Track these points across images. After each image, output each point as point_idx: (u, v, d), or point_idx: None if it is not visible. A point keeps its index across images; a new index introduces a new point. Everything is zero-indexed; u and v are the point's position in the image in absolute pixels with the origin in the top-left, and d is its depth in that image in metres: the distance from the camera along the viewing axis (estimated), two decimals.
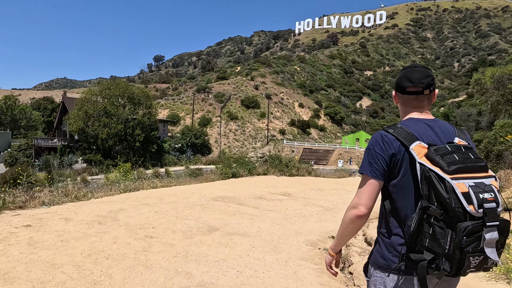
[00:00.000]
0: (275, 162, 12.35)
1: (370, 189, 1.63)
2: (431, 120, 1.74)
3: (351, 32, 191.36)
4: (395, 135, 1.63)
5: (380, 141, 1.67)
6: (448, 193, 1.41)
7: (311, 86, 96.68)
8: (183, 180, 8.91)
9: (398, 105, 1.89)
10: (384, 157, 1.63)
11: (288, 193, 8.75)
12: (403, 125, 1.68)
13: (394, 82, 1.89)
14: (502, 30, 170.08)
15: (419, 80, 1.72)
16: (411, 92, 1.74)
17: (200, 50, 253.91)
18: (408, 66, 1.84)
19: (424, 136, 1.64)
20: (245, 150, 57.89)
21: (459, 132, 1.73)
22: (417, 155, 1.54)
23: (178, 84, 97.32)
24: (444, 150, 1.51)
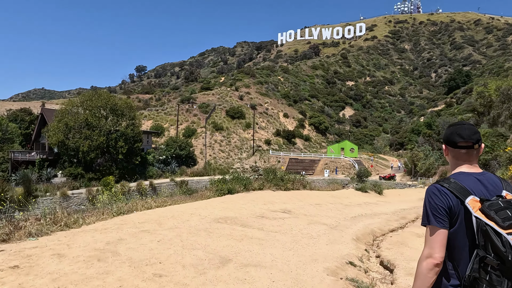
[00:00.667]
0: (270, 176, 12.01)
1: (440, 238, 1.79)
2: (480, 174, 1.91)
3: (332, 43, 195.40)
4: (450, 189, 1.80)
5: (438, 194, 1.83)
6: (505, 247, 1.59)
7: (295, 96, 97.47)
8: (178, 199, 8.40)
9: (448, 157, 2.06)
10: (445, 207, 1.80)
11: (288, 209, 8.39)
12: (456, 180, 1.85)
13: (444, 137, 2.06)
14: (475, 42, 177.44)
15: (469, 136, 1.90)
16: (462, 146, 1.91)
17: (183, 61, 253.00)
18: (456, 123, 2.02)
19: (475, 190, 1.81)
20: (231, 161, 57.32)
21: (506, 185, 1.90)
22: (472, 208, 1.72)
23: (161, 95, 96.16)
24: (497, 205, 1.69)
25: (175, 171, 49.46)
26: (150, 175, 47.19)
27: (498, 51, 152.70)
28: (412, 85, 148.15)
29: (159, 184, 42.58)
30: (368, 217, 9.44)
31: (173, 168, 49.31)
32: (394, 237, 6.66)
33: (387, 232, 7.69)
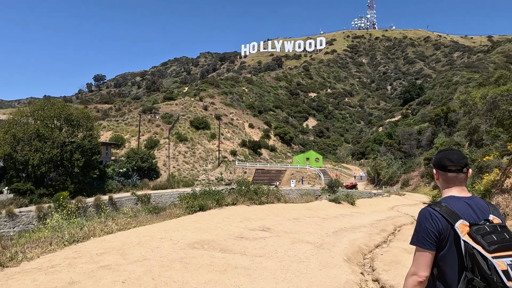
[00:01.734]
0: (244, 189, 11.26)
1: (425, 260, 1.93)
2: (469, 198, 2.03)
3: (294, 56, 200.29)
4: (441, 213, 1.92)
5: (429, 217, 1.94)
6: (490, 270, 1.69)
7: (259, 107, 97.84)
8: (144, 219, 7.32)
9: (439, 181, 2.16)
10: (434, 231, 1.91)
11: (267, 227, 7.69)
12: (447, 204, 1.96)
13: (434, 162, 2.16)
14: (425, 57, 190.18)
15: (458, 160, 2.04)
16: (452, 170, 2.04)
17: (144, 70, 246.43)
18: (446, 149, 2.15)
19: (465, 214, 1.93)
20: (196, 173, 55.69)
21: (493, 209, 2.01)
22: (461, 232, 1.83)
23: (121, 105, 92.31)
24: (484, 230, 1.80)
25: (137, 184, 47.09)
26: (109, 189, 44.51)
27: (446, 66, 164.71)
28: (370, 97, 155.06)
29: (119, 199, 40.18)
30: (349, 231, 8.98)
31: (135, 181, 46.89)
32: (384, 254, 6.18)
33: (373, 248, 7.22)
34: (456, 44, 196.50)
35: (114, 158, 52.39)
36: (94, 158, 41.70)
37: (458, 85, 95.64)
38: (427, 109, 74.65)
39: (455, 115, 36.01)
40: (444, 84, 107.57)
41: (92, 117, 45.29)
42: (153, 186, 47.73)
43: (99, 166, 44.37)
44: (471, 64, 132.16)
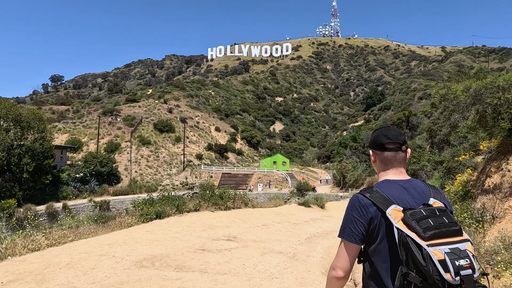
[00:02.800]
0: (208, 194, 10.28)
1: (347, 253, 1.69)
2: (406, 181, 1.77)
3: (261, 60, 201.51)
4: (371, 199, 1.66)
5: (358, 205, 1.68)
6: (425, 261, 1.44)
7: (226, 110, 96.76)
8: (86, 230, 6.10)
9: (376, 164, 1.90)
10: (362, 222, 1.65)
11: (233, 235, 6.80)
12: (379, 188, 1.71)
13: (370, 141, 1.91)
14: (385, 65, 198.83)
15: (396, 136, 1.80)
16: (390, 148, 1.80)
17: (106, 72, 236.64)
18: (382, 127, 1.91)
19: (399, 199, 1.67)
20: (160, 178, 53.48)
21: (434, 192, 1.74)
22: (393, 219, 1.58)
23: (80, 106, 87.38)
24: (420, 214, 1.55)
25: (95, 190, 44.31)
26: (64, 196, 41.53)
27: (404, 74, 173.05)
28: (334, 102, 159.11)
29: (75, 206, 37.54)
30: (322, 237, 8.31)
31: (93, 187, 44.09)
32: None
33: None
34: (413, 54, 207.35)
35: (71, 163, 49.06)
36: (47, 162, 38.62)
37: (416, 92, 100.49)
38: (388, 114, 77.42)
39: (416, 119, 37.18)
40: (403, 91, 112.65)
41: (44, 118, 41.98)
42: (113, 192, 45.19)
43: (53, 171, 41.25)
44: (427, 72, 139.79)
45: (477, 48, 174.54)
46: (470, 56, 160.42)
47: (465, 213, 5.34)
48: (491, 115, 5.46)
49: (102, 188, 44.32)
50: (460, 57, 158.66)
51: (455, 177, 10.43)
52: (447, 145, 25.49)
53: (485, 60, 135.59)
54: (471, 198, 6.03)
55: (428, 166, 20.02)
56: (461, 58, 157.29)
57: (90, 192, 42.77)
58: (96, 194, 43.15)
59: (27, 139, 37.43)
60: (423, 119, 36.08)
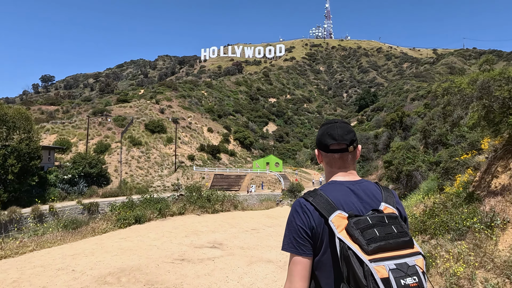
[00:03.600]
0: (194, 196, 9.64)
1: (300, 269, 1.43)
2: (355, 183, 1.54)
3: (254, 61, 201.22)
4: (314, 204, 1.44)
5: (300, 211, 1.47)
6: (366, 279, 1.21)
7: (219, 111, 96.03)
8: (51, 238, 5.43)
9: (323, 164, 1.68)
10: (306, 230, 1.44)
11: (218, 242, 6.21)
12: (323, 192, 1.49)
13: (316, 139, 1.68)
14: (378, 67, 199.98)
15: (342, 136, 1.56)
16: (335, 150, 1.57)
17: (98, 72, 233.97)
18: (327, 122, 1.65)
19: (345, 204, 1.45)
20: (150, 179, 52.56)
21: (387, 195, 1.52)
22: (336, 228, 1.35)
23: (70, 107, 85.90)
24: (365, 223, 1.32)
25: (84, 192, 43.31)
26: (51, 198, 40.47)
27: (396, 75, 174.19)
28: (328, 103, 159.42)
29: (62, 208, 36.53)
30: None
31: (81, 188, 43.09)
32: None
33: None
34: (405, 56, 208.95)
35: (59, 164, 47.93)
36: (33, 163, 37.58)
37: (408, 93, 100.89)
38: (381, 115, 77.48)
39: (410, 119, 36.98)
40: (396, 92, 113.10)
41: (31, 118, 40.88)
42: (103, 194, 44.21)
43: (40, 173, 40.18)
44: (420, 74, 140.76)
45: (468, 50, 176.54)
46: (461, 58, 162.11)
47: (474, 217, 4.84)
48: (499, 110, 5.00)
49: (91, 190, 43.32)
50: (452, 59, 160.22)
51: (454, 178, 9.95)
52: (441, 146, 25.22)
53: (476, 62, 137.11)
54: (478, 200, 5.56)
55: (423, 167, 19.65)
56: (453, 60, 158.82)
57: (78, 194, 41.77)
58: (85, 196, 42.18)
59: (12, 139, 36.43)
60: (416, 120, 35.90)
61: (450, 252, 4.27)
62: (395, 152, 29.59)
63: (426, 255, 4.91)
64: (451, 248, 4.39)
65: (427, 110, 38.01)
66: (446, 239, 4.89)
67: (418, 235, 6.31)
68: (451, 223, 5.05)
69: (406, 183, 20.83)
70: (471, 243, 4.36)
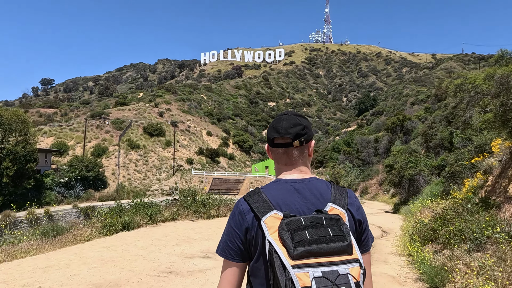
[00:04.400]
0: (188, 201, 9.14)
1: (229, 275, 1.29)
2: (301, 181, 1.35)
3: (254, 65, 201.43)
4: (250, 204, 1.28)
5: (236, 212, 1.31)
6: (286, 287, 1.07)
7: (218, 114, 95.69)
8: (26, 247, 4.94)
9: (273, 160, 1.52)
10: (239, 233, 1.28)
11: (212, 251, 5.71)
12: (264, 190, 1.32)
13: (267, 133, 1.51)
14: (377, 71, 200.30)
15: (286, 130, 1.39)
16: (279, 144, 1.41)
17: (98, 75, 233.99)
18: (279, 114, 1.51)
19: (284, 204, 1.26)
20: (148, 183, 52.00)
21: (337, 195, 1.32)
22: (268, 230, 1.19)
23: (68, 109, 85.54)
24: (297, 224, 1.14)
25: (80, 195, 42.77)
26: (47, 201, 39.90)
27: (396, 80, 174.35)
28: (327, 107, 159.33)
29: (58, 212, 35.90)
30: None
31: (78, 192, 42.54)
32: None
33: None
34: (404, 60, 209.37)
35: (55, 167, 47.40)
36: (29, 166, 37.06)
37: (408, 97, 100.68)
38: (381, 119, 77.15)
39: (411, 123, 36.57)
40: (395, 96, 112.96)
41: (28, 120, 40.42)
42: (100, 198, 43.64)
43: (36, 176, 39.64)
44: (419, 79, 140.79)
45: (467, 55, 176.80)
46: (460, 63, 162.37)
47: (496, 226, 4.37)
48: None
49: (87, 194, 42.77)
50: (451, 64, 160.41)
51: (462, 182, 9.45)
52: (443, 149, 24.75)
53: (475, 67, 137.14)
54: (495, 207, 5.09)
55: (425, 171, 19.17)
56: (452, 65, 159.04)
57: (75, 198, 41.23)
58: (81, 200, 41.64)
59: (8, 142, 35.91)
60: (417, 124, 35.49)
61: (469, 265, 3.81)
62: (396, 156, 29.13)
63: (439, 267, 4.41)
64: (470, 261, 3.92)
65: (428, 114, 37.61)
66: (462, 249, 4.42)
67: (428, 244, 5.82)
68: (467, 232, 4.59)
69: (408, 187, 20.33)
70: (493, 256, 3.90)
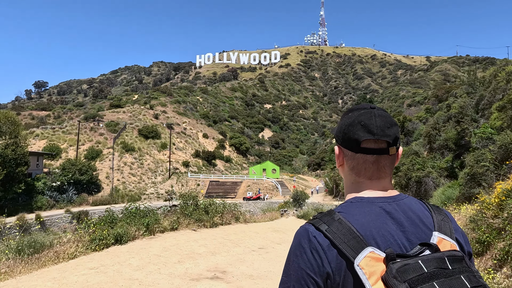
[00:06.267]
0: (189, 207, 8.25)
1: None
2: (391, 201, 1.01)
3: (250, 68, 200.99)
4: (330, 236, 0.93)
5: (307, 247, 0.95)
6: None
7: (214, 116, 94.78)
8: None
9: (342, 169, 1.11)
10: (316, 278, 0.93)
11: (221, 269, 4.83)
12: (343, 215, 0.97)
13: (338, 131, 1.10)
14: (372, 74, 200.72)
15: (383, 130, 1.01)
16: (370, 150, 1.01)
17: (92, 78, 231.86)
18: (358, 107, 1.08)
19: (379, 236, 0.93)
20: (144, 186, 50.84)
21: (439, 219, 1.00)
22: (368, 277, 0.87)
23: (62, 112, 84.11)
24: (417, 271, 0.84)
25: (73, 200, 41.61)
26: (38, 206, 38.75)
27: (391, 82, 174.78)
28: (323, 109, 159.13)
29: (50, 217, 34.70)
30: None
31: (71, 196, 41.38)
32: None
33: None
34: (399, 63, 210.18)
35: (48, 170, 46.11)
36: (20, 170, 35.88)
37: (404, 99, 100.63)
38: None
39: (412, 124, 35.96)
40: (392, 98, 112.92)
41: (19, 122, 39.22)
42: (93, 202, 42.51)
43: (27, 180, 38.42)
44: (414, 81, 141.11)
45: (461, 57, 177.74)
46: (454, 65, 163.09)
47: None
48: None
49: (80, 198, 41.60)
50: (445, 66, 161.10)
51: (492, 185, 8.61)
52: (447, 151, 24.06)
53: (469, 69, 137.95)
54: None
55: (433, 173, 18.40)
56: (446, 67, 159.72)
57: (67, 202, 40.07)
58: (74, 204, 40.47)
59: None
60: (418, 125, 34.89)
61: None
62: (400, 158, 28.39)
63: None
64: None
65: (428, 115, 37.05)
66: None
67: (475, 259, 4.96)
68: None
69: (416, 190, 19.52)
70: None
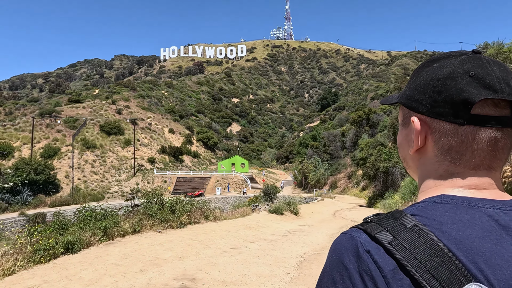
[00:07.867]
0: (154, 207, 7.51)
1: None
2: (507, 208, 0.58)
3: (216, 62, 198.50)
4: (399, 255, 0.53)
5: (354, 270, 0.54)
6: None
7: (180, 111, 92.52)
8: None
9: (419, 154, 0.67)
10: None
11: (190, 276, 4.26)
12: (424, 222, 0.56)
13: (416, 91, 0.65)
14: (337, 68, 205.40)
15: (509, 85, 0.59)
16: (489, 119, 0.59)
17: (48, 72, 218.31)
18: (451, 53, 0.65)
19: (489, 265, 0.51)
20: (107, 184, 48.49)
21: None
22: None
23: (14, 108, 78.15)
24: None
25: (28, 201, 38.78)
26: None
27: (354, 76, 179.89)
28: (290, 103, 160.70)
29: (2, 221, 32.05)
30: (315, 261, 6.03)
31: (25, 198, 38.54)
32: None
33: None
34: (362, 57, 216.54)
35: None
36: None
37: (368, 92, 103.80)
38: (343, 114, 78.53)
39: (376, 116, 36.83)
40: (356, 92, 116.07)
41: None
42: (51, 203, 39.82)
43: None
44: (376, 75, 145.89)
45: (420, 52, 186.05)
46: (413, 60, 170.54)
47: None
48: None
49: (37, 199, 38.84)
50: (405, 61, 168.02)
51: None
52: None
53: None
54: None
55: (400, 163, 18.73)
56: (406, 61, 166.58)
57: (22, 204, 37.24)
58: (30, 206, 37.73)
59: None
60: (382, 117, 35.79)
61: None
62: (364, 149, 28.96)
63: None
64: None
65: (392, 107, 38.14)
66: None
67: None
68: None
69: (383, 180, 19.82)
70: None
